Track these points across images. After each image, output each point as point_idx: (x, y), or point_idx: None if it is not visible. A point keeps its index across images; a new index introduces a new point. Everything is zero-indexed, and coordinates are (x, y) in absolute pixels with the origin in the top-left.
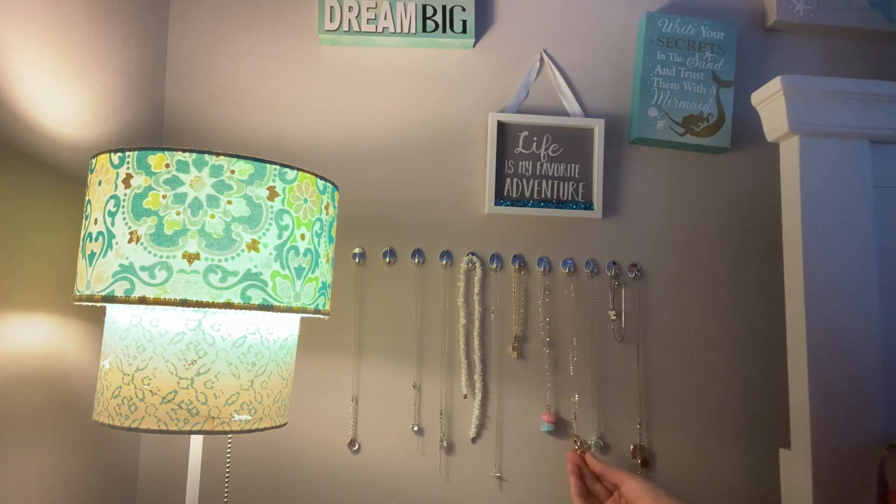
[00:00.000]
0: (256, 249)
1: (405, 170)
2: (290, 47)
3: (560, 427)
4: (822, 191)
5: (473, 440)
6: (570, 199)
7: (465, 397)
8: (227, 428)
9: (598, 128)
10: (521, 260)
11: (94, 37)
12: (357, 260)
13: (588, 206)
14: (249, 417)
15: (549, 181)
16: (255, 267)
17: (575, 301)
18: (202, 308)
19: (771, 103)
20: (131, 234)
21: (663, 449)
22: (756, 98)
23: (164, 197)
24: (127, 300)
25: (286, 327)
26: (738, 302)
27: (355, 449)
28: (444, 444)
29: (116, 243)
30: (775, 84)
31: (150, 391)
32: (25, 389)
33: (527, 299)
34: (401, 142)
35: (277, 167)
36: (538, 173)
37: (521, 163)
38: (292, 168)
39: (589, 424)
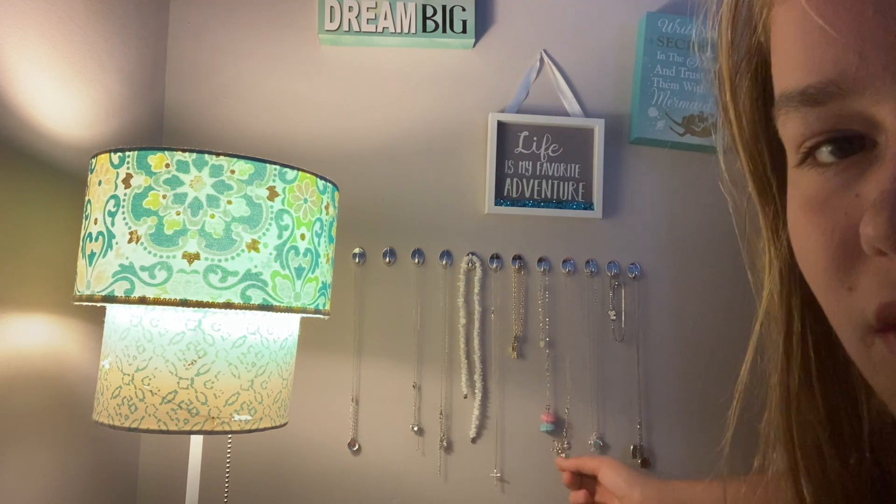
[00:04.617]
0: (256, 249)
1: (405, 170)
2: (290, 47)
3: (559, 427)
4: None
5: (473, 440)
6: (570, 199)
7: (465, 397)
8: (227, 428)
9: (598, 128)
10: (521, 260)
11: (94, 37)
12: (357, 260)
13: (588, 206)
14: (249, 417)
15: (549, 181)
16: (255, 267)
17: (575, 301)
18: (202, 308)
19: None
20: (131, 234)
21: (663, 449)
22: None
23: (164, 197)
24: (127, 300)
25: (286, 327)
26: (738, 301)
27: (355, 449)
28: (444, 444)
29: (116, 243)
30: None
31: (150, 391)
32: (25, 389)
33: (527, 299)
34: (401, 142)
35: (277, 167)
36: (538, 173)
37: (521, 163)
38: (292, 168)
39: (588, 424)
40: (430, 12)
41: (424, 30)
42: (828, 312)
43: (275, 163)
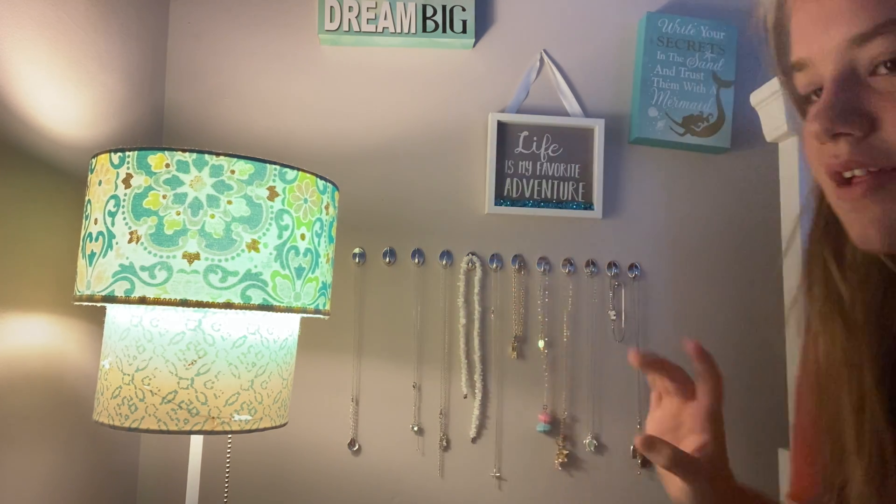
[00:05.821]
0: (256, 249)
1: (405, 170)
2: (290, 47)
3: (556, 427)
4: None
5: (473, 440)
6: (570, 199)
7: (465, 397)
8: (227, 428)
9: (598, 128)
10: (521, 260)
11: (94, 37)
12: (357, 260)
13: (588, 206)
14: (249, 417)
15: (549, 181)
16: (255, 267)
17: (575, 301)
18: (202, 308)
19: (770, 103)
20: (131, 234)
21: None
22: (755, 98)
23: (164, 197)
24: (127, 300)
25: (286, 327)
26: (738, 301)
27: (355, 449)
28: (444, 443)
29: (116, 243)
30: (774, 84)
31: (150, 391)
32: (25, 389)
33: (527, 299)
34: (401, 142)
35: (277, 167)
36: (538, 173)
37: (521, 163)
38: (292, 168)
39: (589, 424)
40: (430, 12)
41: (424, 30)
42: (816, 177)
43: (275, 163)
